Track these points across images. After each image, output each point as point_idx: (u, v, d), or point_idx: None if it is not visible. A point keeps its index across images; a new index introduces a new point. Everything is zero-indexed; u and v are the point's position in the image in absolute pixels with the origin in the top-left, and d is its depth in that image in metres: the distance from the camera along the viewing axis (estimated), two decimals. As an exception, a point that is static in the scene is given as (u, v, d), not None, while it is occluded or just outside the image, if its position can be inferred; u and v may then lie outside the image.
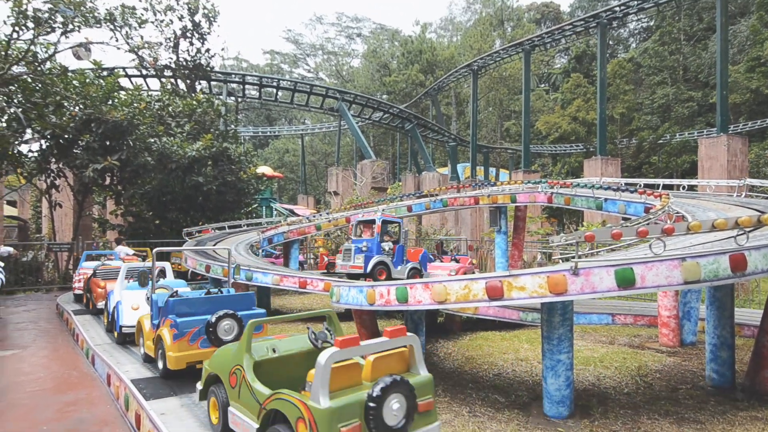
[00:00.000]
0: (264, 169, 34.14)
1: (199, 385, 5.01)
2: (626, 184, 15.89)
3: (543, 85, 69.56)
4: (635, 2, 33.95)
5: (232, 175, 20.94)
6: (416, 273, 12.27)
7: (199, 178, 19.45)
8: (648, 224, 7.17)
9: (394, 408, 3.64)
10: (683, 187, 14.76)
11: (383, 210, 16.53)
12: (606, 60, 38.37)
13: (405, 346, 4.14)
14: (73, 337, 9.80)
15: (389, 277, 11.65)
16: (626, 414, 5.86)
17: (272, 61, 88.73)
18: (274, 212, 34.35)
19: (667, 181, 15.23)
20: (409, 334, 4.13)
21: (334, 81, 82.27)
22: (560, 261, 6.63)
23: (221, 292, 7.09)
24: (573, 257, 5.05)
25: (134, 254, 14.69)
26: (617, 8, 35.13)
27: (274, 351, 4.67)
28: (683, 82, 51.25)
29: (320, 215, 18.82)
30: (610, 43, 62.76)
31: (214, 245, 14.58)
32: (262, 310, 6.87)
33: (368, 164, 40.94)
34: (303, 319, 11.38)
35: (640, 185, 14.62)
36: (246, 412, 4.21)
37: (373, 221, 12.54)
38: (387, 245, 12.11)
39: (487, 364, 8.11)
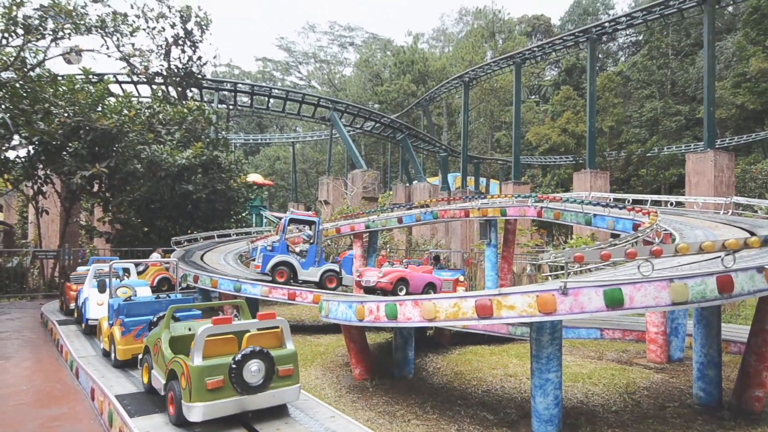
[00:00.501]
0: (254, 177, 33.99)
1: (140, 355, 6.39)
2: (615, 200, 16.02)
3: (533, 97, 70.13)
4: (625, 18, 34.39)
5: (222, 184, 20.80)
6: (333, 276, 11.60)
7: (188, 186, 19.28)
8: (636, 243, 7.24)
9: (253, 370, 4.91)
10: (671, 204, 14.90)
11: (373, 220, 16.53)
12: (596, 73, 38.79)
13: (277, 327, 5.47)
14: (57, 348, 9.63)
15: (294, 279, 11.15)
16: (614, 433, 5.87)
17: (264, 68, 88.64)
18: (264, 220, 34.13)
19: (656, 197, 15.38)
20: (278, 318, 5.50)
21: (326, 89, 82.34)
22: (549, 278, 6.66)
23: (169, 297, 8.34)
24: (563, 275, 5.08)
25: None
26: (607, 24, 35.58)
27: (189, 330, 5.99)
28: (671, 96, 51.94)
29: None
30: (600, 56, 63.53)
31: (202, 255, 14.47)
32: (198, 312, 7.51)
33: (359, 174, 40.89)
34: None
35: (629, 201, 14.73)
36: (160, 372, 5.59)
37: (300, 220, 12.26)
38: (301, 246, 11.77)
39: (476, 380, 8.09)
